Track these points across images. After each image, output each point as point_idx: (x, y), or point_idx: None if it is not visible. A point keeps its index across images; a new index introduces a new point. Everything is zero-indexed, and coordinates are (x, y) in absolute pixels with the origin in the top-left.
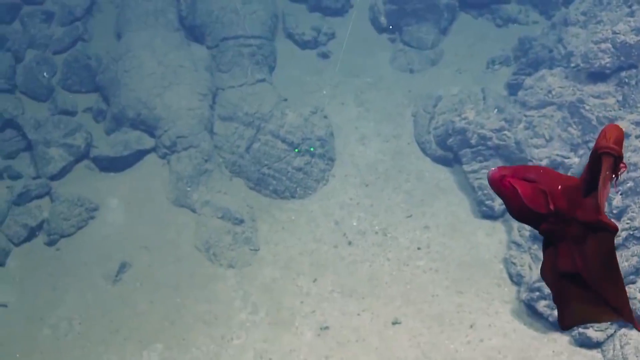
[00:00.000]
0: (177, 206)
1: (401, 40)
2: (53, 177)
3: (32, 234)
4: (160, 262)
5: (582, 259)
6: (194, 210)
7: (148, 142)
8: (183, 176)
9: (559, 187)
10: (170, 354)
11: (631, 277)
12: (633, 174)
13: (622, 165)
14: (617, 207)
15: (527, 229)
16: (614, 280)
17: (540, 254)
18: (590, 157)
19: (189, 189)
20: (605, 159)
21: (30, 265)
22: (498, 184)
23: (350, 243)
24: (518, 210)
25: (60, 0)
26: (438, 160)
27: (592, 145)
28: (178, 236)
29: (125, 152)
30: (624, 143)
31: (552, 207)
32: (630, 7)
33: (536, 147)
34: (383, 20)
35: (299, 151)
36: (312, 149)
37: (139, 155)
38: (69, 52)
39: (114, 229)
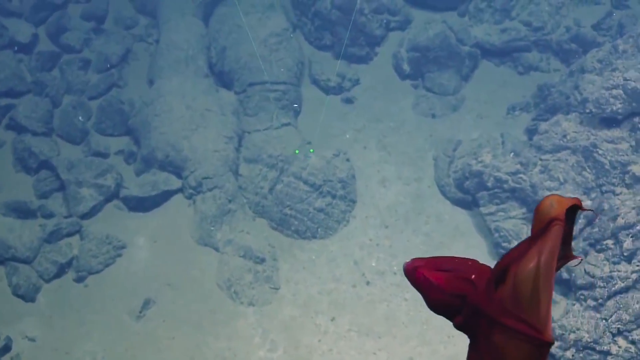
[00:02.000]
0: (201, 245)
1: (423, 87)
2: (83, 216)
3: (61, 270)
4: (183, 300)
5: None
6: (217, 249)
7: (175, 183)
8: (207, 216)
9: (472, 276)
10: None
11: None
12: None
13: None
14: (628, 250)
15: None
16: None
17: (556, 297)
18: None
19: (212, 228)
20: (556, 227)
21: (59, 301)
22: (411, 275)
23: (368, 283)
24: (432, 301)
25: (97, 49)
26: (457, 203)
27: (605, 188)
28: (201, 274)
29: (153, 193)
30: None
31: (463, 297)
32: None
33: (549, 189)
34: (406, 67)
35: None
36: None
37: (166, 195)
38: (103, 97)
39: (140, 266)
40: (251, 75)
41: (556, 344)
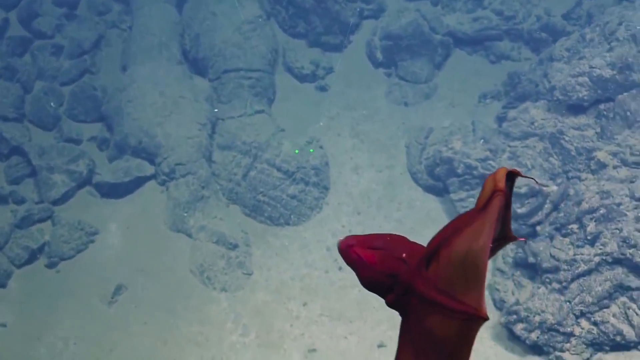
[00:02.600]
0: (174, 231)
1: (396, 75)
2: (55, 202)
3: (33, 256)
4: (156, 285)
5: (421, 339)
6: (190, 235)
7: (148, 169)
8: (180, 202)
9: (404, 255)
10: None
11: (605, 301)
12: (606, 202)
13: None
14: (591, 233)
15: (510, 256)
16: None
17: (523, 280)
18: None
19: (185, 214)
20: (497, 199)
21: (31, 287)
22: (345, 253)
23: (340, 268)
24: (365, 280)
25: (69, 35)
26: (429, 189)
27: (571, 174)
28: (174, 260)
29: (126, 179)
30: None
31: (395, 276)
32: (610, 43)
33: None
34: (379, 55)
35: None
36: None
37: (139, 181)
38: (75, 83)
39: (112, 252)
40: (225, 62)
41: (521, 325)
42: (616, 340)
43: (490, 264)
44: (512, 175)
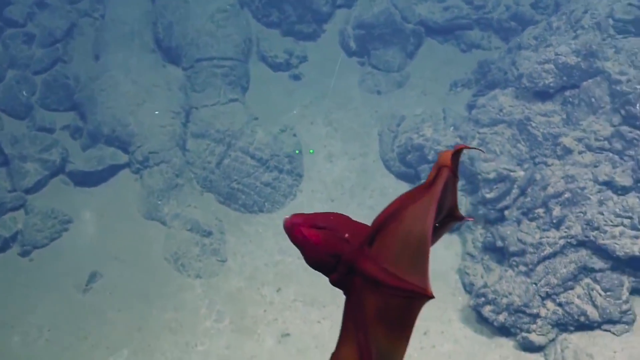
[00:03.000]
0: (148, 219)
1: (369, 64)
2: (28, 191)
3: (6, 245)
4: (130, 273)
5: (364, 318)
6: (164, 223)
7: (122, 157)
8: (154, 190)
9: (347, 235)
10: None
11: (569, 283)
12: (570, 186)
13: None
14: (557, 217)
15: (479, 241)
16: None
17: (491, 264)
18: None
19: (159, 202)
20: (442, 173)
21: (4, 276)
22: (290, 231)
23: None
24: (309, 259)
25: (41, 23)
26: (401, 176)
27: (538, 160)
28: (148, 248)
29: (100, 167)
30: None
31: (338, 255)
32: (575, 31)
33: (486, 161)
34: (352, 44)
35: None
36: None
37: (113, 170)
38: (48, 72)
39: (86, 241)
40: (198, 51)
41: (489, 308)
42: (580, 320)
43: (460, 248)
44: (458, 154)
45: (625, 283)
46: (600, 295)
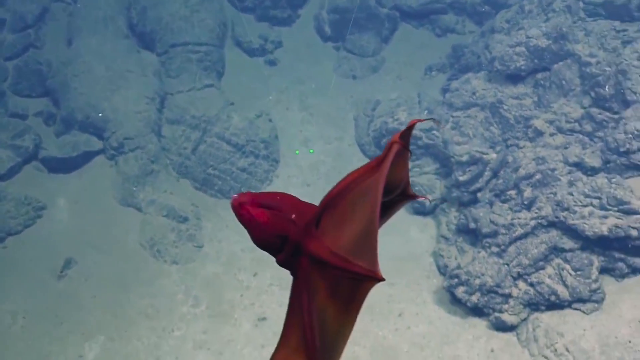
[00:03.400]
0: (123, 205)
1: (344, 48)
2: (1, 178)
3: None
4: (106, 259)
5: (311, 299)
6: (140, 209)
7: (96, 144)
8: (130, 176)
9: (293, 215)
10: (112, 345)
11: (540, 263)
12: (541, 167)
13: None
14: (528, 198)
15: (453, 223)
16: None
17: (465, 246)
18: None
19: (135, 188)
20: (393, 146)
21: None
22: (237, 210)
23: None
24: (256, 239)
25: (12, 8)
26: None
27: (510, 142)
28: (124, 234)
29: (74, 154)
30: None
31: (285, 236)
32: (547, 14)
33: (459, 144)
34: (327, 29)
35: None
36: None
37: (88, 156)
38: (20, 57)
39: (61, 227)
40: (173, 36)
41: (462, 289)
42: (551, 300)
43: (434, 231)
44: (409, 129)
45: (594, 262)
46: (570, 274)
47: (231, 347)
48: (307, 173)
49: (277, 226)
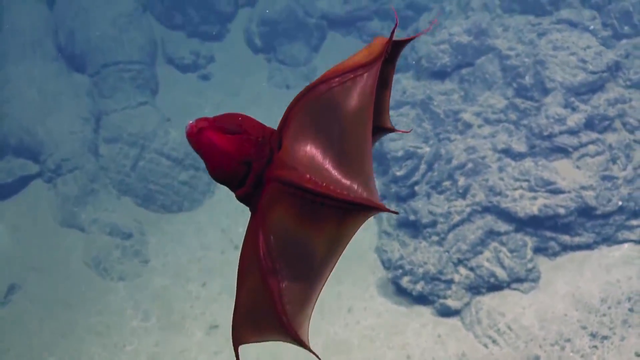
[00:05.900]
0: (65, 227)
1: (276, 59)
2: None
3: None
4: (50, 282)
5: (279, 237)
6: (82, 230)
7: (33, 167)
8: (70, 197)
9: (260, 138)
10: None
11: (478, 248)
12: (472, 156)
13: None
14: (462, 187)
15: (394, 218)
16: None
17: (407, 239)
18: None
19: (76, 209)
20: (385, 42)
21: None
22: (195, 138)
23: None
24: (216, 170)
25: None
26: None
27: (442, 136)
28: (67, 255)
29: (9, 180)
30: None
31: (250, 162)
32: (466, 13)
33: (393, 140)
34: (258, 41)
35: None
36: None
37: (24, 181)
38: None
39: (1, 254)
40: (103, 56)
41: (407, 278)
42: (490, 282)
43: (376, 228)
44: (404, 42)
45: (528, 243)
46: (507, 256)
47: (184, 357)
48: None
49: (242, 151)
